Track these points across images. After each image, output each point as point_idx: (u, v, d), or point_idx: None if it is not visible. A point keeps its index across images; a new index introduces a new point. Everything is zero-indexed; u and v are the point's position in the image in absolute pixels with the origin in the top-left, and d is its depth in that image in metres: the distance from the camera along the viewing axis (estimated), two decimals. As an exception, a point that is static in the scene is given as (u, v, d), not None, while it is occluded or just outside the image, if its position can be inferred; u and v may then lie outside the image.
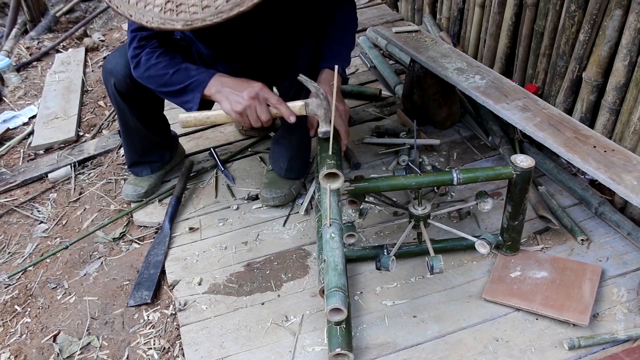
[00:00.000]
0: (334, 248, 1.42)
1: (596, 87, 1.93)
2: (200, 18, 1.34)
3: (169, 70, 1.64)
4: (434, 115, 2.34)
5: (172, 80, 1.64)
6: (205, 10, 1.34)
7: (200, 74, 1.63)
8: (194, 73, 1.63)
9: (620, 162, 1.66)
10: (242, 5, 1.33)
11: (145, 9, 1.38)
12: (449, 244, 1.79)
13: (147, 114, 1.99)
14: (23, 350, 1.69)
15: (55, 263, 1.97)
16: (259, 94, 1.56)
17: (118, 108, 1.96)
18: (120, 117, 2.00)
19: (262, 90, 1.57)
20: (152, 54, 1.66)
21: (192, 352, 1.59)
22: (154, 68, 1.66)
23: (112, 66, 1.86)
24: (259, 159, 2.33)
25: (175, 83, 1.64)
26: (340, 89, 1.72)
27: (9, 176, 2.40)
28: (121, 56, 1.85)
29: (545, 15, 2.12)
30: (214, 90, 1.60)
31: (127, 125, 2.02)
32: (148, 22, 1.38)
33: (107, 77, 1.88)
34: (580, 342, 1.49)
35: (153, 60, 1.66)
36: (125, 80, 1.84)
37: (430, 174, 1.64)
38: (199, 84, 1.62)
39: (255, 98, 1.56)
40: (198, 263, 1.88)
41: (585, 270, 1.69)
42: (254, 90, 1.56)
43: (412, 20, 3.24)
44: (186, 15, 1.35)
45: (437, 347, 1.54)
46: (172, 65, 1.65)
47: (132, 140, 2.08)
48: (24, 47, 3.55)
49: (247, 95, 1.55)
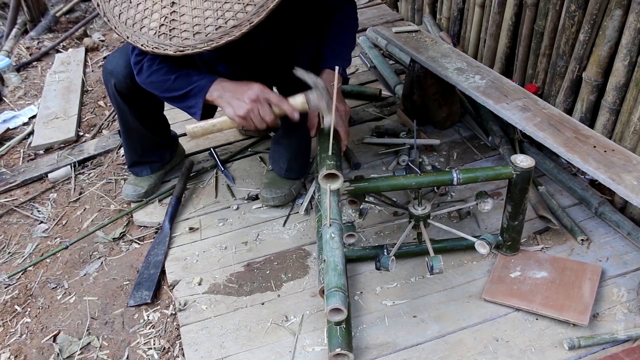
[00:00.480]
0: (334, 248, 1.42)
1: (596, 87, 1.93)
2: (191, 45, 1.41)
3: (170, 76, 1.64)
4: (434, 115, 2.34)
5: (174, 86, 1.65)
6: (196, 37, 1.40)
7: (201, 80, 1.63)
8: (195, 78, 1.63)
9: (620, 162, 1.66)
10: (230, 35, 1.39)
11: (141, 32, 1.44)
12: (449, 244, 1.79)
13: (147, 114, 2.00)
14: (23, 350, 1.69)
15: (55, 263, 1.97)
16: (259, 96, 1.56)
17: (118, 108, 1.96)
18: (120, 117, 2.01)
19: (262, 91, 1.57)
20: (155, 60, 1.66)
21: (192, 352, 1.59)
22: (156, 74, 1.66)
23: (113, 66, 1.86)
24: (259, 159, 2.33)
25: (177, 88, 1.65)
26: (340, 89, 1.72)
27: (9, 176, 2.40)
28: (122, 56, 1.85)
29: (545, 15, 2.12)
30: (215, 95, 1.61)
31: (127, 126, 2.02)
32: (143, 45, 1.43)
33: (107, 77, 1.88)
34: (580, 342, 1.49)
35: (155, 67, 1.66)
36: (126, 81, 1.84)
37: (430, 174, 1.64)
38: (200, 89, 1.62)
39: (257, 100, 1.55)
40: (198, 263, 1.88)
41: (585, 270, 1.69)
42: (254, 93, 1.56)
43: (412, 20, 3.24)
44: (178, 40, 1.41)
45: (437, 347, 1.54)
46: (173, 70, 1.65)
47: (132, 141, 2.08)
48: (24, 47, 3.55)
49: (249, 99, 1.55)
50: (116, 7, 1.48)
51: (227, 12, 1.39)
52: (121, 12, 1.47)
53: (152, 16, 1.43)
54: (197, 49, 1.40)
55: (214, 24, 1.39)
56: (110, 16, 1.48)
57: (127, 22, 1.45)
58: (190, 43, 1.41)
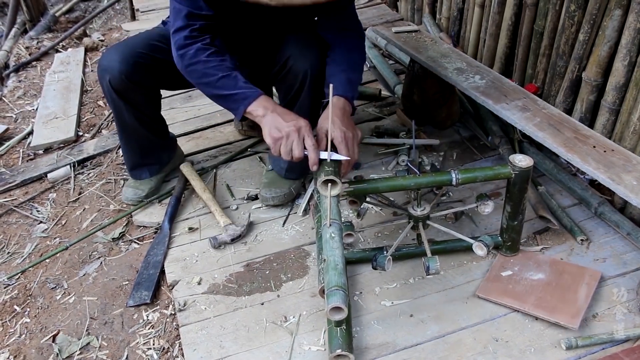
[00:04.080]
0: (333, 248, 1.42)
1: (596, 87, 1.93)
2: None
3: (218, 73, 1.64)
4: (434, 115, 2.33)
5: (218, 84, 1.65)
6: None
7: (248, 89, 1.63)
8: (242, 85, 1.63)
9: (619, 162, 1.66)
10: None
11: None
12: (448, 245, 1.79)
13: (144, 111, 1.98)
14: (22, 351, 1.69)
15: (54, 263, 1.97)
16: (301, 129, 1.54)
17: (114, 105, 1.94)
18: (116, 115, 1.98)
19: (305, 127, 1.55)
20: (204, 51, 1.65)
21: (192, 352, 1.59)
22: (203, 65, 1.65)
23: (107, 62, 1.84)
24: (259, 159, 2.33)
25: (221, 87, 1.65)
26: (348, 115, 1.67)
27: (9, 176, 2.40)
28: (117, 52, 1.84)
29: (545, 15, 2.12)
30: (261, 112, 1.60)
31: (124, 125, 2.00)
32: None
33: (102, 74, 1.86)
34: (577, 342, 1.49)
35: (203, 57, 1.65)
36: (121, 77, 1.83)
37: (429, 175, 1.64)
38: (245, 97, 1.62)
39: (297, 131, 1.54)
40: (197, 263, 1.88)
41: (584, 274, 1.68)
42: (298, 124, 1.55)
43: (412, 20, 3.24)
44: None
45: (436, 347, 1.54)
46: (221, 68, 1.64)
47: (130, 141, 2.07)
48: (24, 47, 3.55)
49: (289, 127, 1.54)
50: None
51: None
52: None
53: None
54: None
55: None
56: None
57: None
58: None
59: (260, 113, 1.61)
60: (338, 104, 1.65)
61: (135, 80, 1.85)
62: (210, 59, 1.66)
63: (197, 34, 1.68)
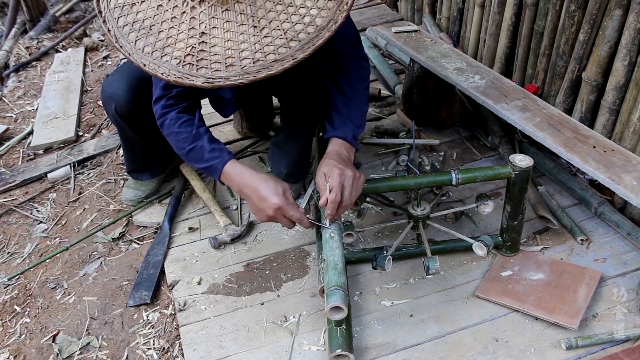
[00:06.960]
0: (333, 247, 1.42)
1: (596, 87, 1.93)
2: (224, 77, 1.29)
3: (185, 146, 1.61)
4: (434, 115, 2.33)
5: (188, 157, 1.63)
6: (229, 69, 1.28)
7: (213, 160, 1.58)
8: (208, 156, 1.59)
9: (619, 162, 1.66)
10: (270, 69, 1.27)
11: (162, 60, 1.31)
12: (448, 245, 1.79)
13: (149, 129, 1.94)
14: (22, 351, 1.69)
15: (54, 263, 1.97)
16: (279, 209, 1.48)
17: (118, 125, 1.95)
18: (120, 133, 2.00)
19: (283, 203, 1.48)
20: (177, 121, 1.63)
21: (192, 352, 1.59)
22: (175, 137, 1.63)
23: (113, 90, 1.83)
24: (259, 159, 2.33)
25: (191, 159, 1.63)
26: (345, 158, 1.59)
27: (9, 176, 2.40)
28: (122, 79, 1.82)
29: (545, 15, 2.12)
30: (234, 186, 1.58)
31: (128, 140, 2.02)
32: (164, 74, 1.31)
33: (107, 101, 1.85)
34: (577, 342, 1.49)
35: (175, 128, 1.63)
36: (127, 106, 1.82)
37: (429, 175, 1.64)
38: (213, 170, 1.59)
39: (277, 213, 1.50)
40: (197, 263, 1.88)
41: (584, 275, 1.68)
42: (273, 204, 1.48)
43: (412, 20, 3.24)
44: (207, 71, 1.29)
45: (436, 347, 1.54)
46: (190, 140, 1.61)
47: (133, 152, 2.07)
48: (24, 47, 3.54)
49: (269, 210, 1.49)
50: (132, 32, 1.34)
51: (266, 46, 1.28)
52: (138, 38, 1.33)
53: (177, 45, 1.31)
54: (230, 82, 1.29)
55: (250, 57, 1.28)
56: (124, 42, 1.35)
57: (145, 50, 1.32)
58: (223, 75, 1.29)
59: (233, 186, 1.58)
60: (334, 149, 1.60)
61: (141, 107, 1.84)
62: (181, 130, 1.62)
63: (174, 101, 1.64)
